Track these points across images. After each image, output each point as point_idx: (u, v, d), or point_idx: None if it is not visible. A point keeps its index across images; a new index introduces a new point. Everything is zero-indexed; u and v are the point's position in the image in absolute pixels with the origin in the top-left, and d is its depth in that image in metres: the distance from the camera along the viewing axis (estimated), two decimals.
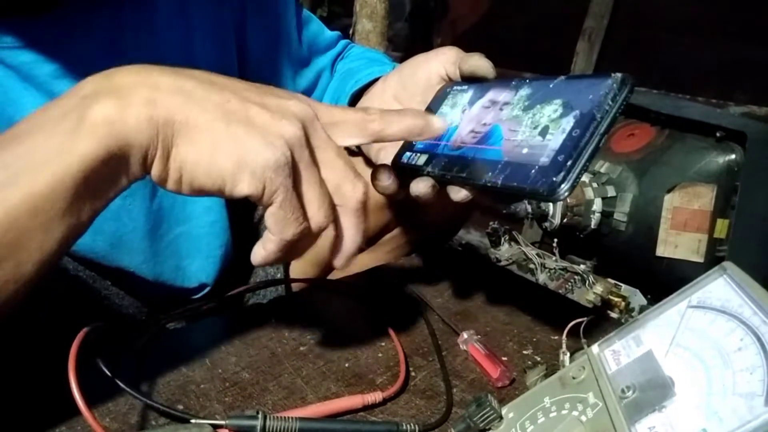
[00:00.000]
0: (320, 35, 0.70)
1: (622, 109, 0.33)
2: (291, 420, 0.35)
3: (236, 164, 0.31)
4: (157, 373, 0.41)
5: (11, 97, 0.44)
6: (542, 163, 0.33)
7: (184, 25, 0.53)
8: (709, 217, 0.48)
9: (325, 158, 0.35)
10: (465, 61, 0.46)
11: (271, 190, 0.32)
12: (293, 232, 0.34)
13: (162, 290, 0.57)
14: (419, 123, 0.39)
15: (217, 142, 0.31)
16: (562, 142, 0.33)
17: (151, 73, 0.32)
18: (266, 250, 0.35)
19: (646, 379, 0.30)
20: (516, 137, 0.37)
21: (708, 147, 0.48)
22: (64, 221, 0.30)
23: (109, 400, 0.37)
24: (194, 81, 0.33)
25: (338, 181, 0.35)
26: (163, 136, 0.31)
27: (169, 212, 0.55)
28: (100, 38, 0.47)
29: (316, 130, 0.35)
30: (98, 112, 0.30)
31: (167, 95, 0.31)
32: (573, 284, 0.45)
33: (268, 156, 0.31)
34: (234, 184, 0.32)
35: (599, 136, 0.32)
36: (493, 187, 0.36)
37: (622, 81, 0.33)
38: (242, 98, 0.33)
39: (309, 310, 0.53)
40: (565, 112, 0.35)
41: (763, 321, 0.28)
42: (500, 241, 0.53)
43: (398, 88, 0.51)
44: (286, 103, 0.34)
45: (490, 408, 0.34)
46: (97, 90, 0.31)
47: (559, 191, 0.32)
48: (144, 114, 0.30)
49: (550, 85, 0.38)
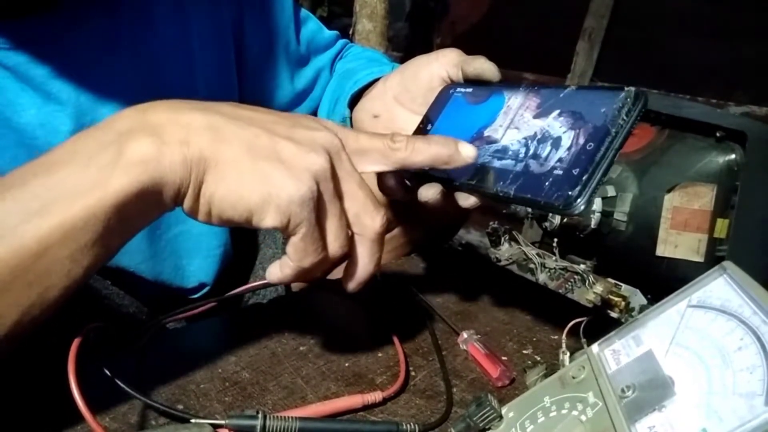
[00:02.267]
0: (319, 34, 0.70)
1: (635, 124, 0.32)
2: (291, 420, 0.35)
3: (262, 198, 0.32)
4: (157, 373, 0.41)
5: (8, 98, 0.44)
6: (556, 176, 0.33)
7: (182, 24, 0.53)
8: (709, 216, 0.48)
9: (348, 189, 0.35)
10: (469, 64, 0.46)
11: (295, 222, 0.33)
12: (311, 262, 0.35)
13: (161, 290, 0.57)
14: (446, 152, 0.38)
15: (244, 177, 0.32)
16: (576, 155, 0.33)
17: (182, 111, 0.33)
18: (283, 273, 0.36)
19: (646, 379, 0.30)
20: (528, 146, 0.36)
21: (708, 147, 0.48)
22: (93, 251, 0.31)
23: (109, 399, 0.37)
24: (224, 117, 0.34)
25: (358, 210, 0.36)
26: (195, 173, 0.32)
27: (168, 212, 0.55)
28: (96, 39, 0.47)
29: (342, 160, 0.35)
30: (135, 150, 0.31)
31: (199, 134, 0.32)
32: (573, 284, 0.45)
33: (293, 191, 0.32)
34: (261, 217, 0.33)
35: (614, 151, 0.32)
36: (505, 197, 0.36)
37: (636, 96, 0.32)
38: (270, 132, 0.34)
39: (309, 310, 0.53)
40: (577, 124, 0.34)
41: (763, 321, 0.28)
42: (500, 241, 0.53)
43: (400, 89, 0.51)
44: (313, 135, 0.34)
45: (490, 408, 0.34)
46: (133, 127, 0.32)
47: (575, 205, 0.31)
48: (178, 154, 0.31)
49: (560, 95, 0.37)
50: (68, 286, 0.31)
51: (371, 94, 0.55)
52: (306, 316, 0.51)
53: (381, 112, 0.52)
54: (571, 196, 0.31)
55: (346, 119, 0.58)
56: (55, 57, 0.45)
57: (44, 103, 0.45)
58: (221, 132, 0.33)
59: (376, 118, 0.53)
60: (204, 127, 0.33)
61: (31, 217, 0.29)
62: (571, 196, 0.31)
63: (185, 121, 0.33)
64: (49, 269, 0.30)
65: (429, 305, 0.54)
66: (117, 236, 0.32)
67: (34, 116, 0.45)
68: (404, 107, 0.51)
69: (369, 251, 0.37)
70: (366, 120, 0.54)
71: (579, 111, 0.35)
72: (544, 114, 0.37)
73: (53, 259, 0.30)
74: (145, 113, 0.33)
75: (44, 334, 0.42)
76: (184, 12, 0.53)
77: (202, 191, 0.33)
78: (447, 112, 0.46)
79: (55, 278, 0.30)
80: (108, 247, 0.32)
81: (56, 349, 0.34)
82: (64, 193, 0.30)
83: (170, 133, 0.32)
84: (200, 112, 0.33)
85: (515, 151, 0.37)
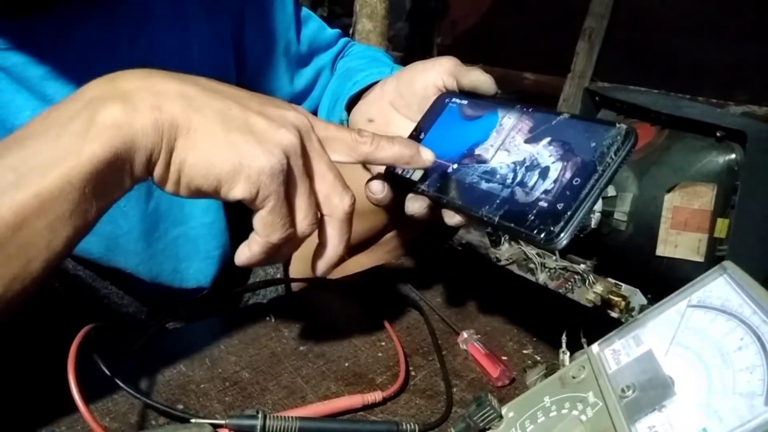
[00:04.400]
0: (321, 33, 0.69)
1: (623, 164, 0.32)
2: (291, 419, 0.34)
3: (233, 168, 0.32)
4: (156, 372, 0.41)
5: (4, 99, 0.44)
6: (540, 208, 0.33)
7: (181, 26, 0.53)
8: (709, 216, 0.48)
9: (318, 169, 0.36)
10: (464, 75, 0.46)
11: (264, 194, 0.33)
12: (279, 236, 0.35)
13: (160, 291, 0.57)
14: (407, 152, 0.40)
15: (215, 146, 0.32)
16: (562, 190, 0.33)
17: (154, 78, 0.33)
18: (251, 251, 0.36)
19: (646, 379, 0.30)
20: (516, 172, 0.37)
21: (708, 147, 0.48)
22: (71, 221, 0.31)
23: (109, 399, 0.37)
24: (197, 87, 0.34)
25: (327, 191, 0.36)
26: (167, 139, 0.32)
27: (166, 214, 0.55)
28: (94, 40, 0.47)
29: (312, 140, 0.36)
30: (107, 116, 0.31)
31: (171, 100, 0.32)
32: (573, 284, 0.45)
33: (263, 162, 0.32)
34: (229, 187, 0.33)
35: (599, 189, 0.32)
36: (489, 222, 0.36)
37: (626, 134, 0.32)
38: (243, 106, 0.34)
39: (309, 310, 0.53)
40: (566, 155, 0.34)
41: (763, 320, 0.28)
42: (500, 240, 0.53)
43: (395, 95, 0.51)
44: (285, 113, 0.35)
45: (490, 407, 0.34)
46: (103, 94, 0.32)
47: (557, 242, 0.31)
48: (150, 118, 0.31)
49: (552, 122, 0.37)
50: (49, 259, 0.31)
51: (368, 98, 0.55)
52: (306, 316, 0.51)
53: (376, 116, 0.52)
54: (553, 232, 0.32)
55: (344, 121, 0.58)
56: (52, 58, 0.45)
57: (40, 105, 0.45)
58: (194, 101, 0.33)
59: (370, 122, 0.53)
60: (177, 94, 0.33)
61: (6, 189, 0.29)
62: (553, 232, 0.32)
63: (158, 89, 0.33)
64: (28, 242, 0.30)
65: (429, 305, 0.54)
66: (94, 205, 0.32)
67: (29, 118, 0.45)
68: (399, 113, 0.51)
69: (338, 232, 0.37)
70: (361, 123, 0.54)
71: (569, 142, 0.35)
72: (535, 140, 0.37)
73: (32, 231, 0.30)
74: (116, 81, 0.33)
75: (44, 335, 0.42)
76: (183, 14, 0.53)
77: (173, 158, 0.33)
78: (440, 123, 0.46)
79: (35, 251, 0.30)
80: (86, 217, 0.31)
81: (56, 348, 0.34)
82: (39, 164, 0.30)
83: (142, 98, 0.32)
84: (174, 80, 0.34)
85: (503, 176, 0.37)
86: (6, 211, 0.29)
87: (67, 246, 0.31)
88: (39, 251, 0.30)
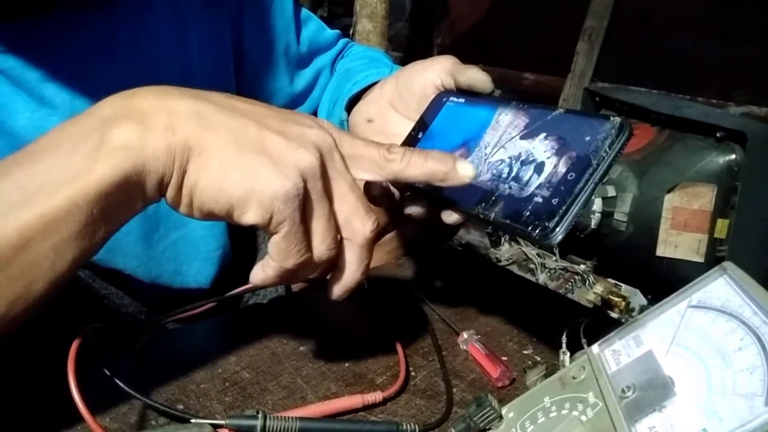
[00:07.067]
0: (320, 34, 0.70)
1: (617, 157, 0.32)
2: (291, 420, 0.35)
3: (245, 192, 0.31)
4: (157, 373, 0.41)
5: (3, 102, 0.44)
6: (535, 204, 0.33)
7: (180, 27, 0.53)
8: (709, 217, 0.48)
9: (339, 190, 0.34)
10: (461, 74, 0.46)
11: (277, 220, 0.31)
12: (293, 263, 0.33)
13: (160, 293, 0.57)
14: (443, 169, 0.36)
15: (227, 169, 0.31)
16: (556, 185, 0.33)
17: (170, 97, 0.32)
18: (265, 274, 0.35)
19: (646, 379, 0.30)
20: (511, 167, 0.37)
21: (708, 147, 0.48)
22: (77, 243, 0.30)
23: (109, 400, 0.37)
24: (213, 106, 0.33)
25: (348, 214, 0.34)
26: (179, 162, 0.31)
27: (166, 216, 0.55)
28: (92, 42, 0.47)
29: (334, 160, 0.34)
30: (119, 136, 0.30)
31: (185, 120, 0.31)
32: (573, 284, 0.45)
33: (277, 186, 0.31)
34: (242, 212, 0.32)
35: (594, 183, 0.32)
36: (485, 219, 0.36)
37: (620, 127, 0.32)
38: (261, 125, 0.32)
39: (309, 310, 0.53)
40: (561, 150, 0.34)
41: (763, 321, 0.28)
42: (500, 241, 0.53)
43: (394, 95, 0.51)
44: (305, 132, 0.33)
45: (490, 408, 0.34)
46: (117, 112, 0.31)
47: (552, 237, 0.31)
48: (162, 140, 0.30)
49: (547, 117, 0.37)
50: (54, 280, 0.30)
51: (367, 98, 0.55)
52: (306, 316, 0.51)
53: (375, 116, 0.52)
54: (548, 227, 0.32)
55: (343, 122, 0.58)
56: (50, 60, 0.44)
57: (38, 107, 0.45)
58: (208, 120, 0.32)
59: (370, 122, 0.53)
60: (191, 113, 0.31)
61: (12, 208, 0.28)
62: (548, 227, 0.32)
63: (172, 108, 0.31)
64: (32, 262, 0.29)
65: (429, 305, 0.54)
66: (101, 227, 0.31)
67: (27, 120, 0.45)
68: (399, 113, 0.51)
69: (357, 257, 0.35)
70: (360, 123, 0.54)
71: (564, 137, 0.35)
72: (530, 135, 0.37)
73: (36, 252, 0.29)
74: (131, 99, 0.32)
75: (44, 335, 0.42)
76: (182, 15, 0.53)
77: (185, 181, 0.32)
78: (438, 121, 0.46)
79: (39, 271, 0.30)
80: (92, 239, 0.31)
81: (56, 348, 0.33)
82: (46, 183, 0.29)
83: (155, 119, 0.31)
84: (189, 99, 0.32)
85: (499, 172, 0.37)
86: (11, 230, 0.28)
87: (72, 267, 0.31)
88: (43, 272, 0.30)
